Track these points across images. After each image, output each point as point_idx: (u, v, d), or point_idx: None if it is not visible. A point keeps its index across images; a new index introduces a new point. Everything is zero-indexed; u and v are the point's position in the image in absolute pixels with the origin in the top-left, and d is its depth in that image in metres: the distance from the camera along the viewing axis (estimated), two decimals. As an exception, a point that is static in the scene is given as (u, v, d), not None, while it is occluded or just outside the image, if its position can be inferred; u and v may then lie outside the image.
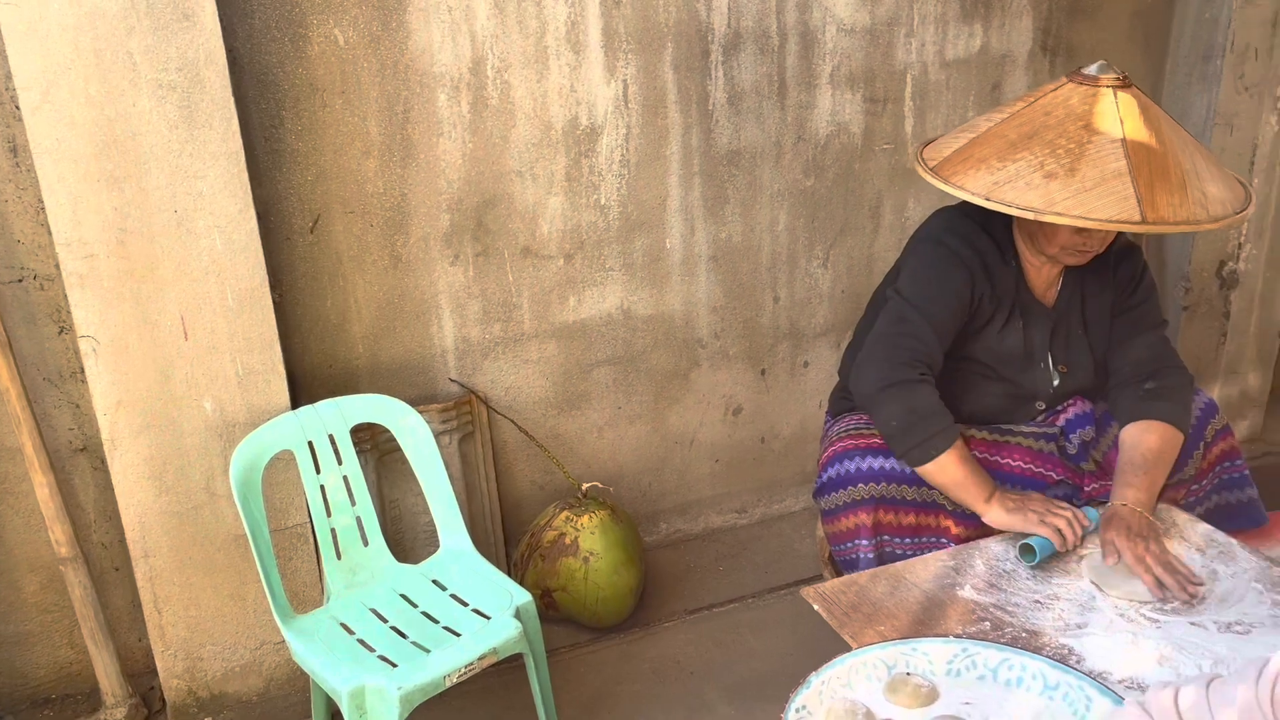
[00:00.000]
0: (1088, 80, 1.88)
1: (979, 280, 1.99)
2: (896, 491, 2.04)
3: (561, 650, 2.37)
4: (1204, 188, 1.85)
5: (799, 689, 1.54)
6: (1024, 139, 1.87)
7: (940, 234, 2.02)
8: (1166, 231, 1.80)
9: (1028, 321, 2.05)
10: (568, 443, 2.60)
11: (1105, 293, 2.08)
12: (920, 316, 1.98)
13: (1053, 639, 1.75)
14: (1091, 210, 1.76)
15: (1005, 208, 1.81)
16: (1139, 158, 1.78)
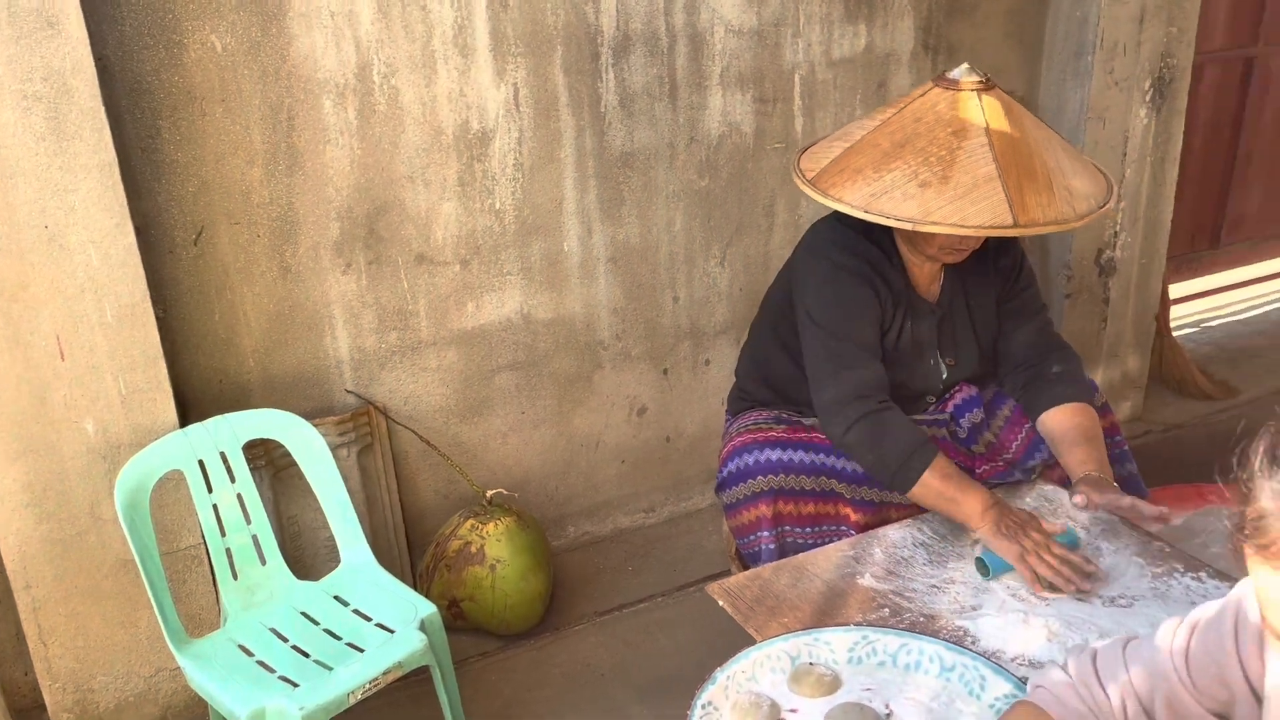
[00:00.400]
0: (952, 85, 1.93)
1: (879, 288, 2.03)
2: (795, 482, 2.07)
3: (471, 660, 2.35)
4: (1069, 184, 1.92)
5: (704, 685, 1.56)
6: (896, 147, 1.91)
7: (829, 250, 2.05)
8: (1037, 233, 1.86)
9: (915, 319, 2.10)
10: (471, 450, 2.58)
11: (987, 284, 2.14)
12: (849, 345, 2.01)
13: (949, 622, 1.79)
14: (966, 217, 1.81)
15: (884, 219, 1.86)
16: (1007, 160, 1.84)
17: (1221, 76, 3.73)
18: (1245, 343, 3.89)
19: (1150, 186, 3.15)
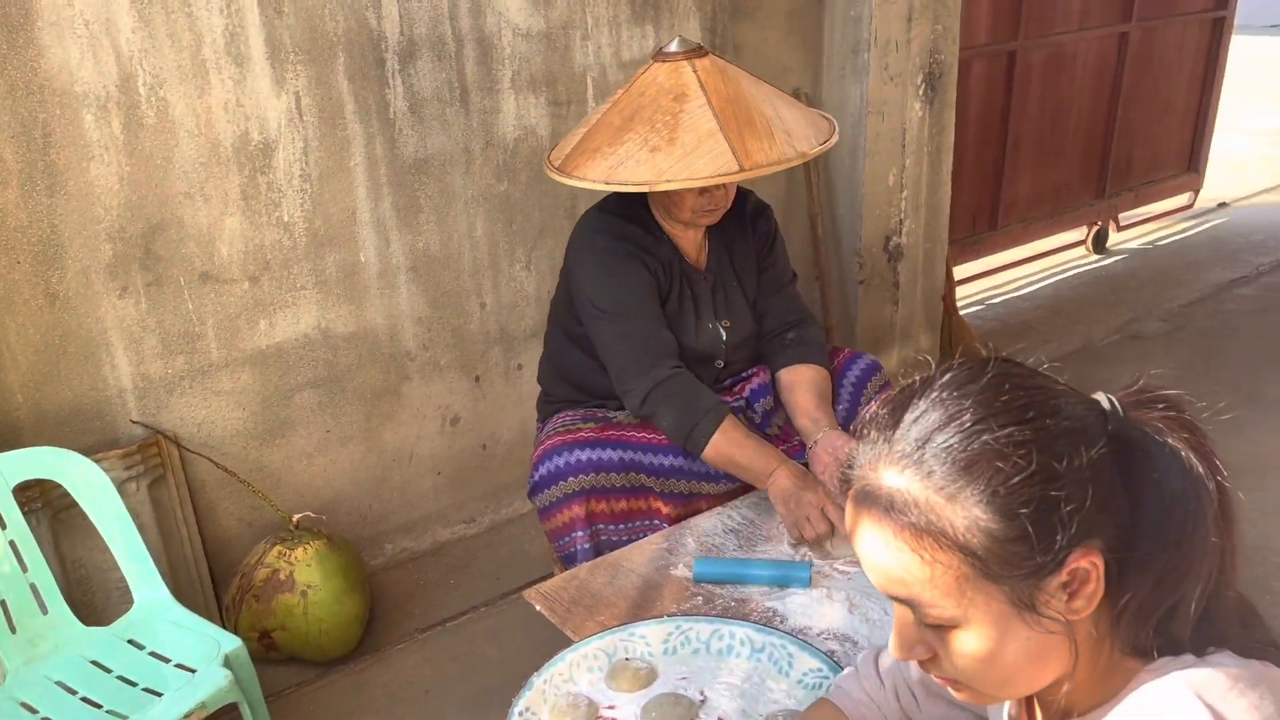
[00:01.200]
0: (670, 57, 2.05)
1: (649, 261, 2.10)
2: (606, 480, 2.09)
3: (287, 692, 2.26)
4: (788, 128, 2.06)
5: (521, 692, 1.55)
6: (627, 121, 2.01)
7: (592, 239, 2.12)
8: (763, 173, 1.96)
9: (690, 287, 2.18)
10: (275, 474, 2.47)
11: (749, 248, 2.26)
12: (633, 321, 2.06)
13: (759, 604, 1.84)
14: (695, 171, 1.91)
15: (623, 187, 1.95)
16: (726, 115, 1.96)
17: (988, 70, 3.99)
18: (1024, 316, 4.18)
19: (929, 175, 3.34)
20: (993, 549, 0.82)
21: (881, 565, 0.89)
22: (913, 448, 0.86)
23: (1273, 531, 2.68)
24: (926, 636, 0.91)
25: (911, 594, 0.87)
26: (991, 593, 0.84)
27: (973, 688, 0.92)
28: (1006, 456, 0.82)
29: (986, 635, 0.86)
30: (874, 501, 0.88)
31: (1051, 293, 4.42)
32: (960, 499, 0.83)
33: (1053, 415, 0.85)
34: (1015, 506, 0.81)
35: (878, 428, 0.91)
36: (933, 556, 0.85)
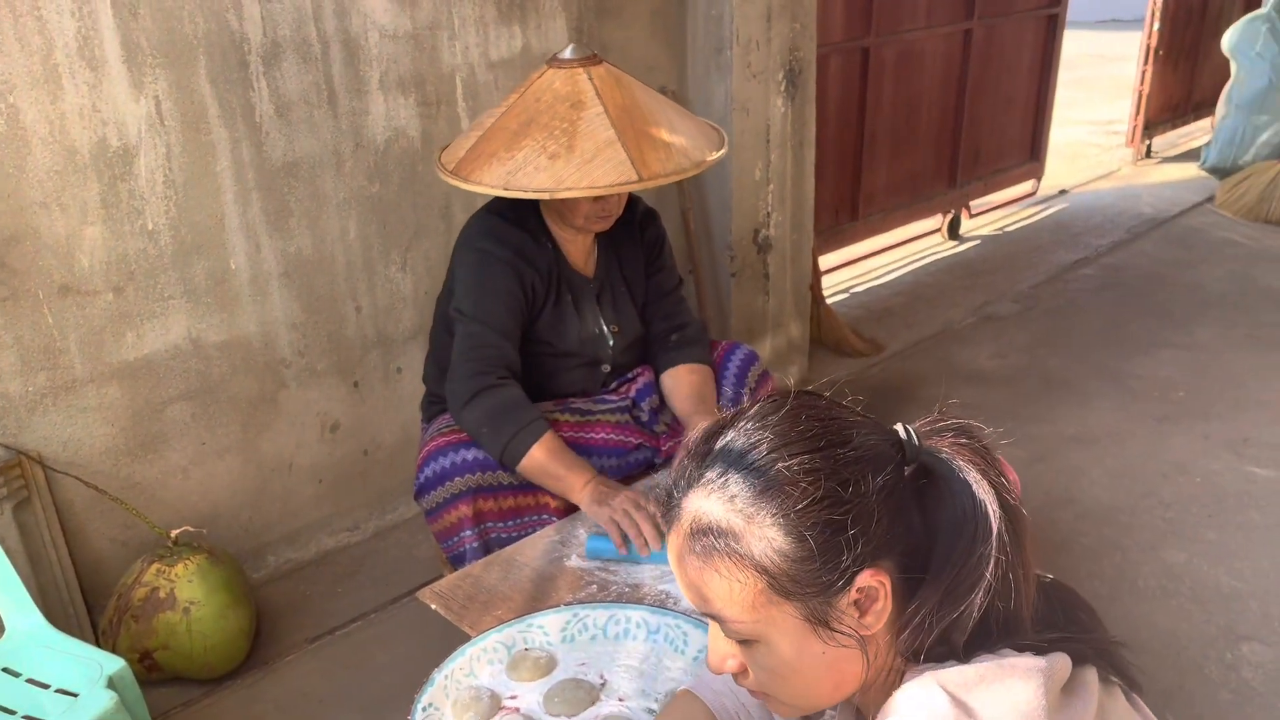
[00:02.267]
0: (565, 64, 2.08)
1: (524, 271, 2.11)
2: (493, 479, 2.10)
3: (173, 712, 2.20)
4: (683, 139, 2.12)
5: (423, 688, 1.56)
6: (523, 126, 2.03)
7: (475, 240, 2.13)
8: (661, 183, 2.02)
9: (575, 294, 2.21)
10: (149, 490, 2.40)
11: (637, 254, 2.30)
12: (482, 326, 2.08)
13: (652, 588, 1.89)
14: (596, 180, 1.95)
15: (523, 193, 1.96)
16: (622, 124, 2.01)
17: (843, 66, 4.15)
18: (887, 303, 4.37)
19: (793, 168, 3.46)
20: (785, 568, 0.90)
21: (689, 582, 0.97)
22: (718, 474, 0.94)
23: (1121, 493, 2.88)
24: (736, 650, 0.98)
25: (715, 609, 0.95)
26: (787, 609, 0.91)
27: (778, 699, 0.99)
28: (796, 483, 0.89)
29: (784, 649, 0.93)
30: (682, 523, 0.96)
31: (911, 279, 4.62)
32: (756, 521, 0.90)
33: (843, 445, 0.92)
34: (804, 528, 0.89)
35: (691, 457, 0.98)
36: (731, 575, 0.92)
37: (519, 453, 2.02)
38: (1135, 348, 3.80)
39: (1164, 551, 2.61)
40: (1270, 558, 2.55)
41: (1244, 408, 3.31)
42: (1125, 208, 5.38)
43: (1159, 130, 6.17)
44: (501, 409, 2.03)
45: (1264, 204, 5.04)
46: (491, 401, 2.03)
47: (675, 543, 0.98)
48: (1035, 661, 0.89)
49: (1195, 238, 4.93)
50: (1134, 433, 3.20)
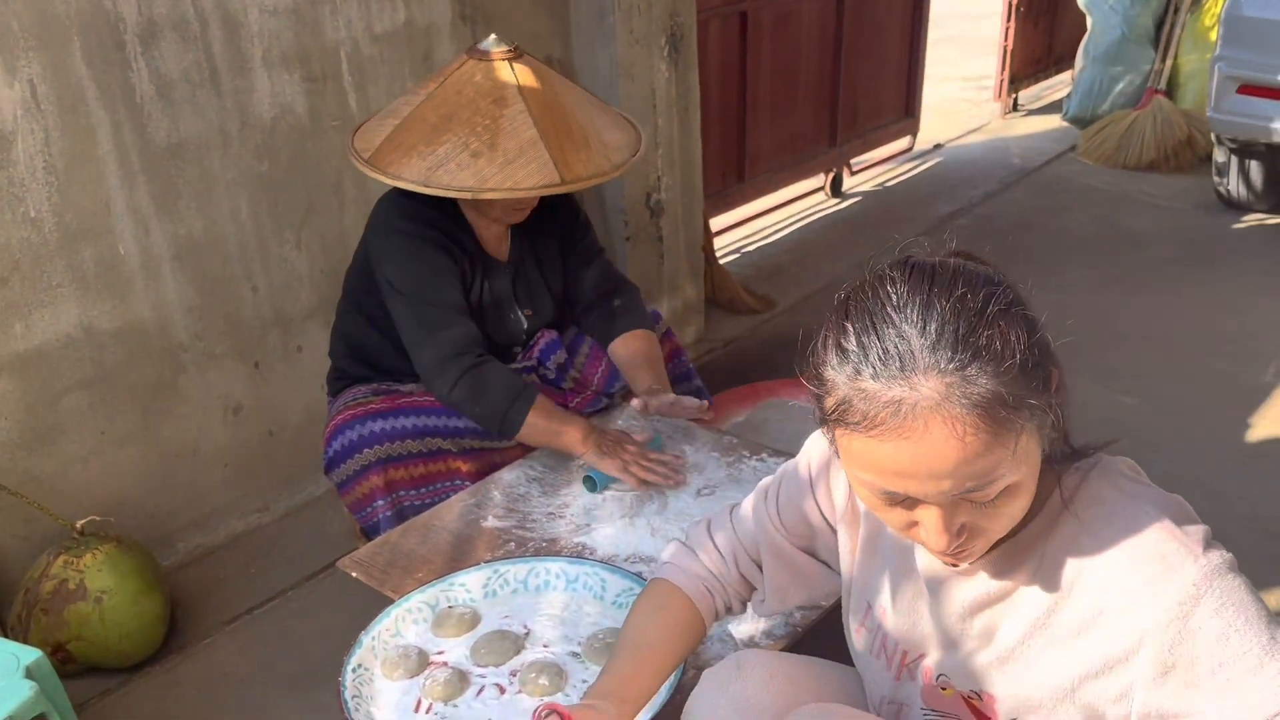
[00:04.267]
0: (484, 56, 2.09)
1: (453, 250, 2.14)
2: (402, 448, 2.14)
3: (91, 702, 2.18)
4: (603, 139, 2.15)
5: (352, 650, 1.60)
6: (444, 120, 2.03)
7: (399, 222, 2.13)
8: (582, 186, 2.07)
9: (490, 278, 2.24)
10: (49, 482, 2.35)
11: (550, 237, 2.33)
12: (437, 309, 2.09)
13: (569, 541, 1.97)
14: (519, 181, 1.98)
15: (445, 191, 1.98)
16: (545, 124, 2.03)
17: (723, 30, 4.23)
18: (777, 260, 4.49)
19: (680, 133, 3.53)
20: (1025, 392, 0.92)
21: (953, 467, 0.91)
22: (931, 345, 0.91)
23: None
24: (970, 514, 0.97)
25: (987, 475, 0.92)
26: (1033, 436, 0.96)
27: (991, 536, 1.00)
28: (1001, 313, 0.93)
29: (1029, 478, 0.98)
30: (929, 414, 0.90)
31: (798, 237, 4.76)
32: (989, 366, 0.91)
33: (993, 280, 0.98)
34: (1028, 346, 0.93)
35: (861, 357, 0.94)
36: (1002, 428, 0.91)
37: (518, 423, 2.06)
38: (1011, 291, 4.00)
39: (1042, 478, 2.79)
40: (1136, 477, 2.75)
41: (1110, 343, 3.54)
42: (996, 159, 5.62)
43: (1024, 84, 6.43)
44: (491, 386, 2.06)
45: (1121, 151, 5.33)
46: (478, 380, 2.06)
47: (920, 440, 0.91)
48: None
49: (1061, 185, 5.19)
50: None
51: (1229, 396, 3.14)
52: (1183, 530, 1.00)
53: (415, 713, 1.52)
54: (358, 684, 1.55)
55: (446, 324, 2.10)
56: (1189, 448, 2.87)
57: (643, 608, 1.34)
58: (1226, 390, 3.18)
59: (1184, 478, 2.73)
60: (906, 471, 0.93)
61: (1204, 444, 2.89)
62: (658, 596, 1.35)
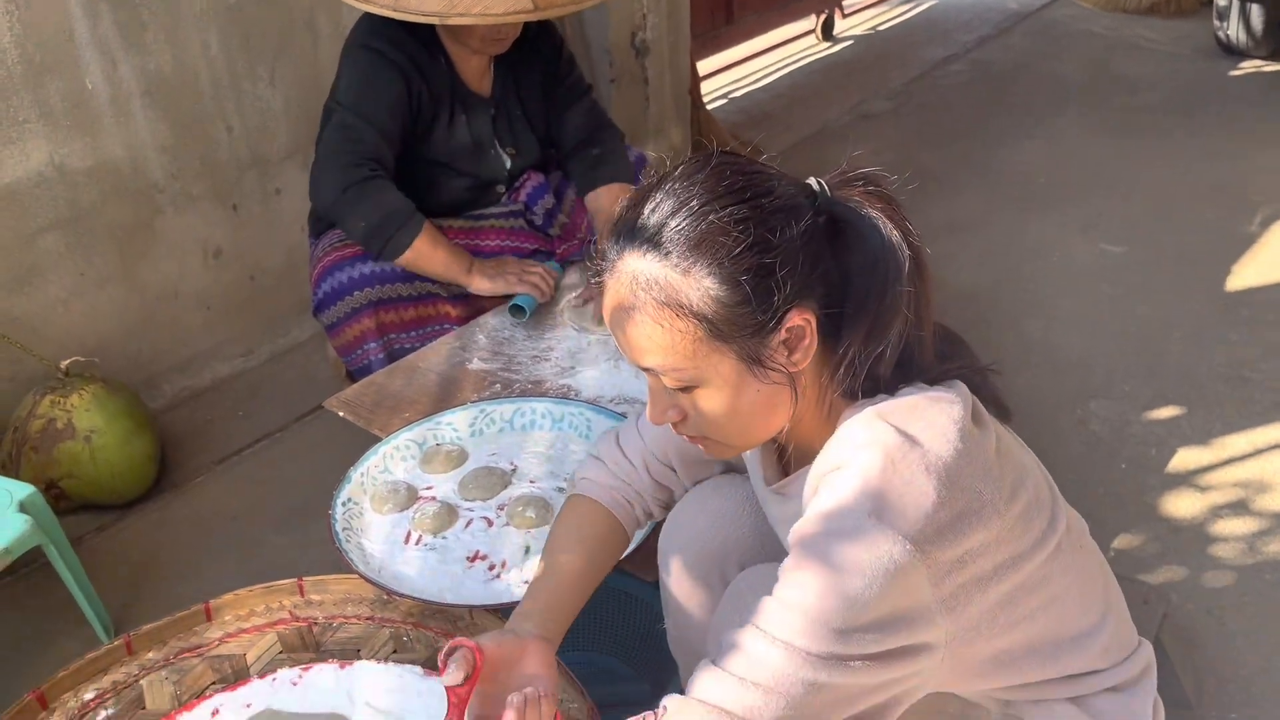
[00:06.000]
0: None
1: (413, 79, 2.07)
2: (392, 291, 2.12)
3: (87, 537, 2.23)
4: None
5: (341, 485, 1.63)
6: None
7: (367, 39, 2.07)
8: (558, 14, 1.98)
9: (469, 114, 2.18)
10: (30, 324, 2.33)
11: (534, 72, 2.26)
12: (361, 121, 2.03)
13: (554, 383, 1.98)
14: (489, 7, 1.90)
15: (411, 16, 1.90)
16: None
17: None
18: (765, 106, 4.40)
19: (667, -33, 3.39)
20: (722, 313, 0.97)
21: (630, 339, 1.02)
22: (651, 233, 0.99)
23: (986, 275, 3.07)
24: (676, 400, 1.05)
25: (657, 362, 1.01)
26: (724, 352, 0.99)
27: (718, 440, 1.08)
28: (728, 232, 0.96)
29: (723, 392, 1.01)
30: (620, 284, 1.01)
31: (788, 81, 4.64)
32: (693, 273, 0.97)
33: (767, 195, 0.98)
34: (738, 274, 0.96)
35: (622, 220, 1.02)
36: (672, 325, 0.98)
37: (402, 246, 2.03)
38: (1001, 139, 3.94)
39: (1023, 324, 2.81)
40: (1118, 324, 2.78)
41: (1098, 191, 3.51)
42: (992, 3, 5.44)
43: (1025, -78, 6.18)
44: (378, 203, 2.02)
45: (1121, -6, 5.18)
46: (366, 195, 2.01)
47: (612, 302, 1.02)
48: (953, 391, 1.01)
49: (1057, 30, 5.05)
50: (998, 219, 3.38)
51: (1215, 245, 3.14)
52: (875, 493, 0.93)
53: (405, 544, 1.56)
54: (348, 517, 1.58)
55: (358, 137, 2.03)
56: (1172, 295, 2.89)
57: (562, 525, 1.31)
58: (1213, 239, 3.18)
59: (1164, 322, 2.76)
60: (610, 327, 1.05)
61: (1187, 291, 2.91)
62: (576, 512, 1.33)
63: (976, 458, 0.96)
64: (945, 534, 0.91)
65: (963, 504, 0.93)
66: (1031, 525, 1.01)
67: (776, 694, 0.87)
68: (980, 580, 0.95)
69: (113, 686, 1.34)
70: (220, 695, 1.32)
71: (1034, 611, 1.02)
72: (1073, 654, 1.08)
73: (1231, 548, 2.02)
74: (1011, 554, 0.97)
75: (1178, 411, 2.41)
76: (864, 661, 0.88)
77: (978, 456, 0.96)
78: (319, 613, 1.46)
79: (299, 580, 1.47)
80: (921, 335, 1.03)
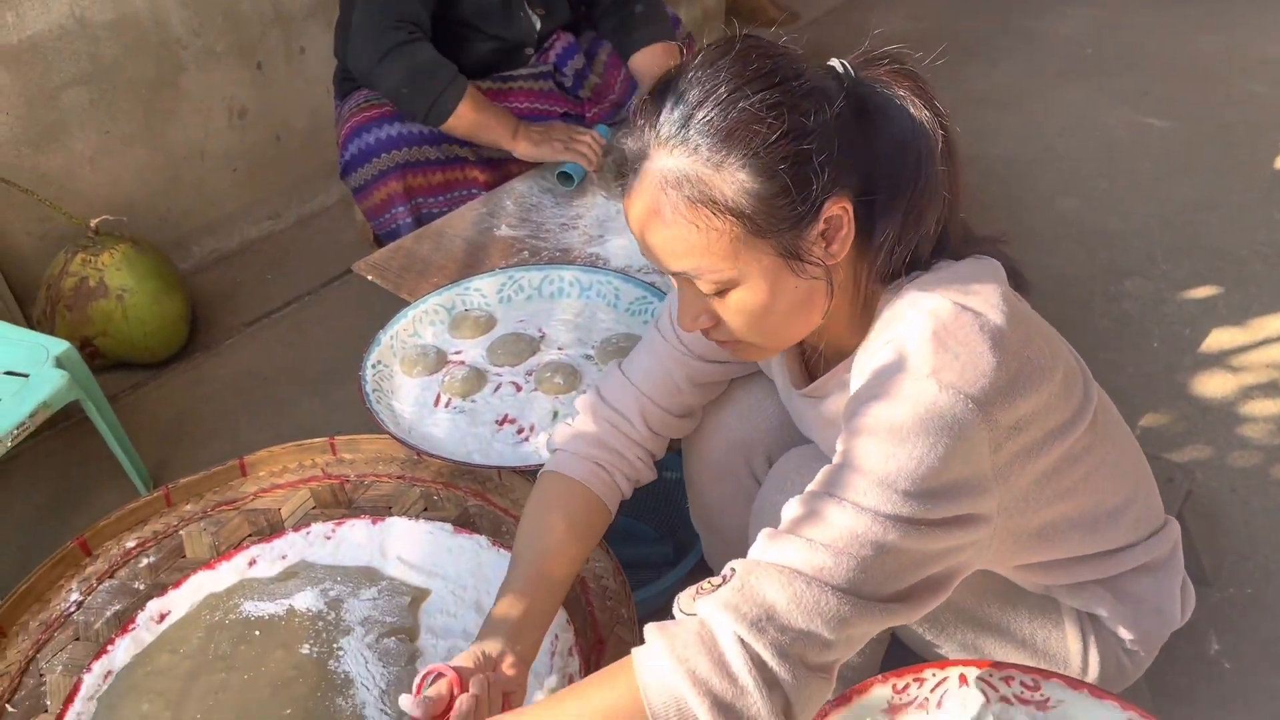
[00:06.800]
0: None
1: None
2: (420, 154, 2.10)
3: (123, 394, 2.27)
4: None
5: (371, 347, 1.64)
6: None
7: None
8: None
9: None
10: (58, 181, 2.33)
11: None
12: None
13: (582, 251, 1.97)
14: None
15: None
16: None
17: None
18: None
19: None
20: (759, 207, 0.92)
21: (661, 243, 0.96)
22: (677, 128, 0.92)
23: (1021, 150, 2.99)
24: (708, 305, 1.00)
25: (692, 264, 0.95)
26: (762, 248, 0.94)
27: (752, 342, 1.03)
28: (761, 119, 0.90)
29: (761, 289, 0.96)
30: (647, 187, 0.95)
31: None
32: (726, 166, 0.91)
33: (796, 78, 0.93)
34: (774, 164, 0.90)
35: (644, 116, 0.96)
36: (707, 224, 0.92)
37: (446, 110, 1.98)
38: (1045, 6, 3.79)
39: (1058, 201, 2.75)
40: (1156, 201, 2.71)
41: (1144, 63, 3.38)
42: None
43: None
44: (419, 67, 1.97)
45: None
46: (407, 59, 1.96)
47: (641, 205, 0.96)
48: (988, 263, 1.00)
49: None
50: (1039, 91, 3.27)
51: (1262, 121, 3.03)
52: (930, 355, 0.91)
53: (435, 407, 1.58)
54: (378, 379, 1.60)
55: (397, 2, 1.96)
56: (1215, 173, 2.81)
57: (530, 513, 1.19)
58: (1260, 115, 3.07)
59: (1206, 200, 2.69)
60: (638, 235, 0.98)
61: (1231, 169, 2.83)
62: (546, 495, 1.21)
63: (1023, 324, 0.95)
64: (1004, 396, 0.90)
65: (1016, 368, 0.92)
66: (1072, 395, 1.00)
67: (846, 555, 0.85)
68: (1030, 449, 0.95)
69: (153, 536, 1.39)
70: (256, 546, 1.36)
71: (1075, 484, 1.02)
72: (1109, 529, 1.09)
73: (1260, 428, 2.02)
74: (1058, 422, 0.97)
75: (1214, 291, 2.38)
76: (929, 527, 0.87)
77: (1024, 323, 0.96)
78: (350, 471, 1.49)
79: (331, 439, 1.50)
80: (955, 215, 1.01)
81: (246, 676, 1.16)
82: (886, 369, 0.92)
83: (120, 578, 1.33)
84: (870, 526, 0.86)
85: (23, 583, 1.29)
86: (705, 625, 0.85)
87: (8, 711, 1.17)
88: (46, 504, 2.02)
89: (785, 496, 0.95)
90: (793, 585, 0.84)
